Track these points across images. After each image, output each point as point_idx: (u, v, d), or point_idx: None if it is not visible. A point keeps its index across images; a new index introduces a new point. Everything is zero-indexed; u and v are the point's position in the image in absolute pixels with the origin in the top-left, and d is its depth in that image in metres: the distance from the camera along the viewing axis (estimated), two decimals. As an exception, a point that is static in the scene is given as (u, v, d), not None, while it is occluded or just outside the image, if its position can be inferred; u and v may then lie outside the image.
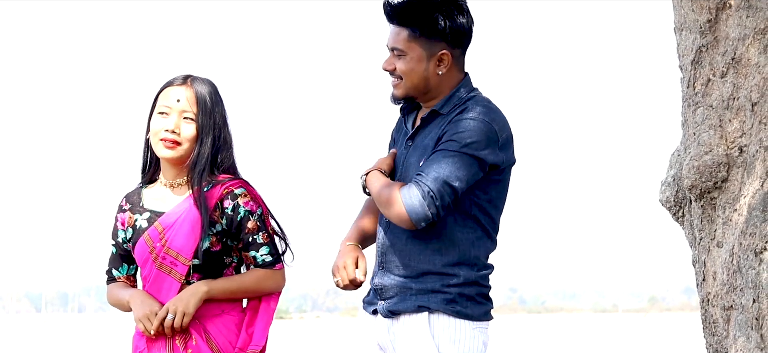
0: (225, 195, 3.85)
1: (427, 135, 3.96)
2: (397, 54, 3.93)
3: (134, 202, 3.96)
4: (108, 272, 4.03)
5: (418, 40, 3.90)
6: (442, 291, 3.90)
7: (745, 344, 3.56)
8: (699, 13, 3.74)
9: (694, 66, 3.76)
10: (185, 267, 3.82)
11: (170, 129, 3.83)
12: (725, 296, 3.65)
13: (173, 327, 3.77)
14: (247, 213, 3.85)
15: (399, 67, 3.93)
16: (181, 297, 3.79)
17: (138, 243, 3.88)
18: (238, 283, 3.87)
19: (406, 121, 4.08)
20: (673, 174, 3.93)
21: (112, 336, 44.27)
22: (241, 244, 3.87)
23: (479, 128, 3.86)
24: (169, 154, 3.85)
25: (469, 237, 3.94)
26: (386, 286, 3.97)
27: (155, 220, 3.87)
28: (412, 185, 3.81)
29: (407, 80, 3.95)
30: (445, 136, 3.86)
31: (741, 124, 3.63)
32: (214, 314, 3.85)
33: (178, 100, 3.85)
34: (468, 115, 3.87)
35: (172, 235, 3.82)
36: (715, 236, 3.72)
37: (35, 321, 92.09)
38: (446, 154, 3.82)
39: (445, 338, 3.89)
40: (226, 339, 3.85)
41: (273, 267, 3.89)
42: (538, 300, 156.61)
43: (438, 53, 3.93)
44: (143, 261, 3.87)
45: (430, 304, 3.89)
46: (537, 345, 35.12)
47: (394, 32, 3.94)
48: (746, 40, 3.63)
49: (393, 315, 3.95)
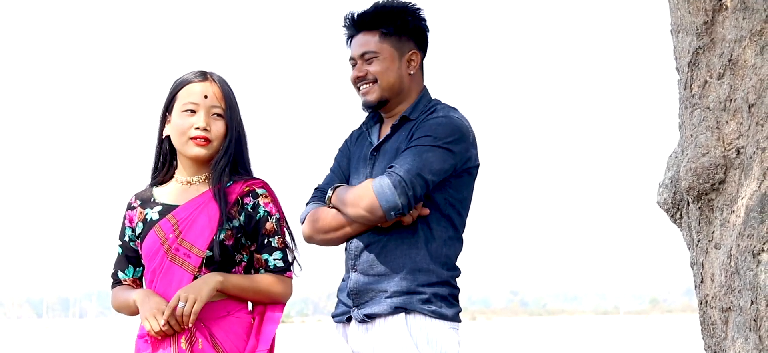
0: (246, 192, 3.81)
1: (396, 141, 4.03)
2: (369, 58, 4.03)
3: (145, 199, 3.90)
4: (113, 275, 3.97)
5: (389, 40, 4.03)
6: (417, 292, 3.94)
7: (743, 345, 3.56)
8: (695, 15, 3.74)
9: (691, 68, 3.77)
10: (199, 258, 3.76)
11: (202, 126, 3.77)
12: (723, 298, 3.65)
13: (183, 316, 3.67)
14: (266, 214, 3.82)
15: (372, 70, 4.03)
16: (193, 285, 3.70)
17: (148, 235, 3.81)
18: (250, 282, 3.80)
19: (370, 133, 4.14)
20: (670, 176, 3.94)
21: (114, 341, 44.22)
22: (255, 245, 3.83)
23: (452, 124, 3.95)
24: (202, 152, 3.79)
25: (442, 235, 3.99)
26: (360, 290, 4.00)
27: (168, 213, 3.80)
28: (383, 176, 3.85)
29: (383, 80, 4.04)
30: (417, 134, 3.93)
31: (738, 125, 3.64)
32: (220, 315, 3.79)
33: (205, 95, 3.78)
34: (438, 115, 3.97)
35: (186, 227, 3.76)
36: (712, 238, 3.72)
37: (36, 326, 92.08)
38: (420, 149, 3.87)
39: (422, 338, 3.92)
40: (233, 343, 3.78)
41: (284, 274, 3.85)
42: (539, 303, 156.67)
43: (408, 53, 4.07)
44: (153, 253, 3.80)
45: (406, 305, 3.93)
46: (539, 348, 35.09)
47: (362, 40, 4.05)
48: (743, 41, 3.63)
49: (369, 319, 3.98)
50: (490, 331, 60.92)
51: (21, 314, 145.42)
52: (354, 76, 4.08)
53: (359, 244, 4.02)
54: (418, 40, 4.09)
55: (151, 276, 3.82)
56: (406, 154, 3.88)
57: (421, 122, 3.98)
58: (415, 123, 4.00)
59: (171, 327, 3.70)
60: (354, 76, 4.08)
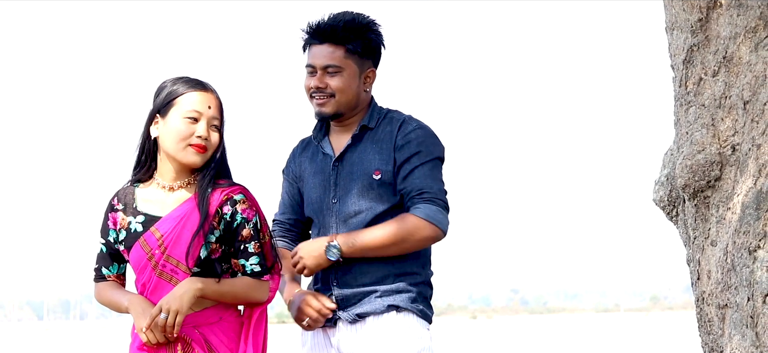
0: (224, 201, 3.84)
1: (363, 150, 4.10)
2: (332, 71, 4.05)
3: (127, 203, 3.91)
4: (96, 270, 3.98)
5: (353, 57, 4.07)
6: (407, 291, 4.06)
7: (740, 342, 3.56)
8: (690, 13, 3.74)
9: (686, 65, 3.77)
10: (186, 274, 3.79)
11: (204, 135, 3.82)
12: (720, 295, 3.65)
13: (167, 327, 3.71)
14: (242, 221, 3.85)
15: (333, 84, 4.06)
16: (173, 294, 3.74)
17: (134, 247, 3.84)
18: (229, 286, 3.84)
19: (323, 146, 4.18)
20: (666, 173, 3.94)
21: (114, 343, 44.23)
22: (232, 250, 3.87)
23: (432, 134, 4.11)
24: (198, 159, 3.83)
25: None
26: (347, 296, 4.06)
27: (151, 225, 3.83)
28: (424, 204, 3.98)
29: (341, 96, 4.08)
30: (408, 149, 4.04)
31: (733, 122, 3.64)
32: (212, 321, 3.83)
33: (209, 106, 3.85)
34: (412, 126, 4.08)
35: (171, 242, 3.79)
36: (709, 235, 3.72)
37: (37, 328, 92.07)
38: (426, 165, 4.02)
39: (410, 335, 4.06)
40: (227, 346, 3.83)
41: (260, 278, 3.88)
42: (540, 301, 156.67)
43: (367, 70, 4.14)
44: (142, 268, 3.84)
45: (398, 303, 4.04)
46: (539, 346, 35.09)
47: (327, 51, 4.06)
48: (737, 38, 3.64)
49: (360, 318, 4.04)
50: (491, 329, 60.91)
51: (22, 316, 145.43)
52: (313, 86, 4.09)
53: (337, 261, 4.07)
54: (376, 58, 4.16)
55: (141, 289, 3.86)
56: (421, 175, 4.00)
57: (399, 132, 4.06)
58: (376, 132, 4.10)
59: (166, 337, 3.75)
60: (313, 86, 4.09)
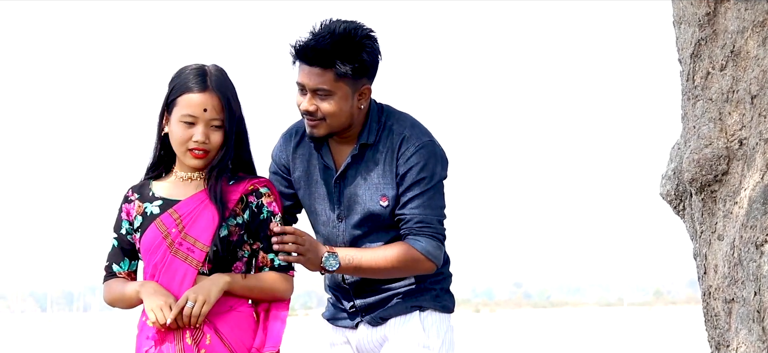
0: (250, 191, 3.83)
1: (366, 170, 4.00)
2: (322, 95, 3.85)
3: (143, 193, 3.89)
4: (107, 268, 3.93)
5: (345, 79, 3.85)
6: (428, 289, 4.06)
7: (746, 336, 3.56)
8: (698, 7, 3.74)
9: (694, 59, 3.77)
10: (203, 253, 3.76)
11: (201, 140, 3.76)
12: (727, 289, 3.65)
13: (192, 316, 3.68)
14: (269, 215, 3.84)
15: (324, 108, 3.87)
16: (201, 285, 3.72)
17: (148, 229, 3.80)
18: (256, 281, 3.82)
19: (323, 155, 4.04)
20: (673, 167, 3.94)
21: (118, 335, 44.28)
22: (261, 245, 3.85)
23: (434, 153, 3.97)
24: (200, 163, 3.80)
25: None
26: (371, 304, 4.07)
27: (169, 207, 3.80)
28: (424, 239, 3.93)
29: (333, 120, 3.90)
30: (410, 176, 3.94)
31: (741, 116, 3.64)
32: (224, 311, 3.79)
33: (204, 109, 3.77)
34: (413, 147, 3.94)
35: (190, 221, 3.77)
36: (715, 229, 3.72)
37: (40, 320, 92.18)
38: (427, 193, 3.93)
39: (433, 333, 4.06)
40: (239, 338, 3.79)
41: (287, 273, 3.87)
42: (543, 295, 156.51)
43: (361, 88, 3.92)
44: (155, 248, 3.79)
45: (421, 303, 4.04)
46: (542, 340, 35.10)
47: (316, 73, 3.84)
48: (745, 32, 3.63)
49: (383, 321, 4.04)
50: (494, 323, 60.95)
51: (25, 307, 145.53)
52: (303, 109, 3.91)
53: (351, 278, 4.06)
54: (371, 74, 3.95)
55: (153, 270, 3.81)
56: (421, 205, 3.92)
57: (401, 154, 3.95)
58: (378, 149, 3.97)
59: (177, 323, 3.71)
60: (303, 109, 3.91)
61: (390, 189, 3.95)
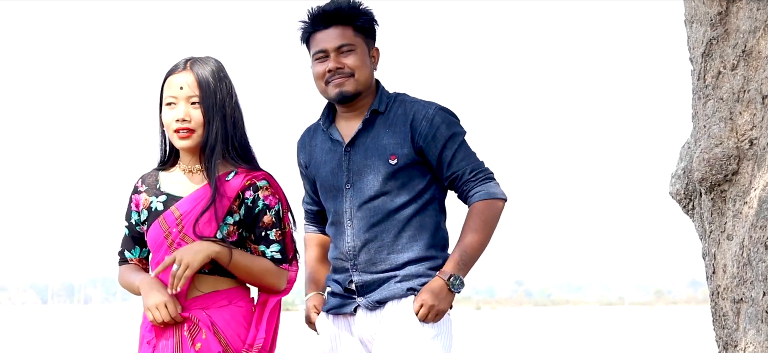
0: (247, 186, 3.84)
1: (376, 135, 4.10)
2: (346, 50, 4.06)
3: (150, 184, 3.93)
4: (120, 254, 4.01)
5: (361, 36, 4.10)
6: (426, 275, 4.06)
7: (755, 337, 3.56)
8: (709, 6, 3.73)
9: (705, 58, 3.76)
10: None
11: (181, 118, 3.81)
12: (735, 289, 3.65)
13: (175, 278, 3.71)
14: (264, 207, 3.85)
15: (350, 63, 4.06)
16: (189, 248, 3.75)
17: (152, 226, 3.85)
18: (246, 260, 3.83)
19: (331, 133, 4.17)
20: (683, 166, 3.94)
21: (119, 327, 44.35)
22: (253, 237, 3.86)
23: (451, 112, 4.15)
24: (187, 143, 3.83)
25: (436, 220, 4.13)
26: (368, 282, 4.06)
27: (172, 204, 3.84)
28: (481, 185, 4.07)
29: (360, 74, 4.09)
30: (440, 136, 4.07)
31: (751, 116, 3.63)
32: (221, 305, 3.83)
33: (181, 87, 3.83)
34: (432, 109, 4.11)
35: (189, 222, 3.80)
36: (725, 229, 3.72)
37: (41, 312, 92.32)
38: (463, 146, 4.09)
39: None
40: (235, 332, 3.82)
41: (279, 266, 3.88)
42: (544, 293, 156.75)
43: (373, 49, 4.16)
44: (158, 246, 3.85)
45: (416, 286, 4.04)
46: (543, 338, 35.13)
47: (337, 32, 4.07)
48: (757, 32, 3.63)
49: (380, 305, 4.04)
50: (495, 321, 60.98)
51: (26, 299, 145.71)
52: (331, 68, 4.05)
53: (357, 244, 4.07)
54: (375, 36, 4.17)
55: (156, 266, 3.86)
56: (463, 156, 4.06)
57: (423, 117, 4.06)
58: (387, 116, 4.09)
59: (173, 318, 3.76)
60: (331, 68, 4.05)
61: (400, 149, 4.03)
